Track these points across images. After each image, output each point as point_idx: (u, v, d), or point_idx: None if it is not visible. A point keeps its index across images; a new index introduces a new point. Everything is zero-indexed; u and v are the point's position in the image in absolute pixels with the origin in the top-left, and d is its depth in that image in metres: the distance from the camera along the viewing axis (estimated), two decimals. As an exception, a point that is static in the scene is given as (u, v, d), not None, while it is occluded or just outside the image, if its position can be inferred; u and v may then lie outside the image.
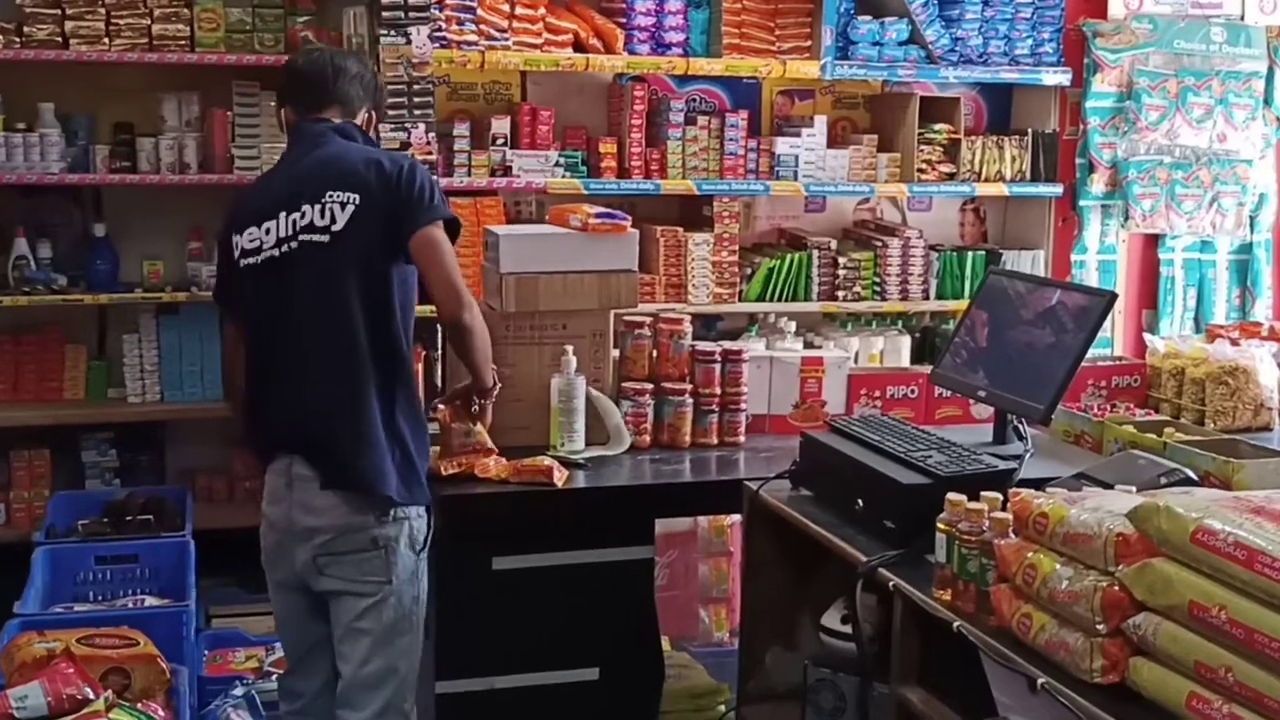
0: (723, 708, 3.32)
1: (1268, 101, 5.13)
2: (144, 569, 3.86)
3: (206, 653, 3.86)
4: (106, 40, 4.27)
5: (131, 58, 4.29)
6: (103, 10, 4.25)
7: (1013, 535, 1.99)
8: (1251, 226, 5.25)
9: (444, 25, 4.23)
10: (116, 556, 3.83)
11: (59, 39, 4.24)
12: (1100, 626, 1.76)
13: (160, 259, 4.55)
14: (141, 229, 4.58)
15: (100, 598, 3.78)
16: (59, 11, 4.24)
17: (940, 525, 2.12)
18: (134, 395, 4.56)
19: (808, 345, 4.51)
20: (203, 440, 4.67)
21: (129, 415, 4.56)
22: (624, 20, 4.47)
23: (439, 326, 4.37)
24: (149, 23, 4.30)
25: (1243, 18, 5.10)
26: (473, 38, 4.29)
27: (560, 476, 2.89)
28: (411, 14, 4.11)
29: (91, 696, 2.36)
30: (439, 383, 4.38)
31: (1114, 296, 2.72)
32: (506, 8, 4.34)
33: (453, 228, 2.77)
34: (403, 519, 2.64)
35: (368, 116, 2.95)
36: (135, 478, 4.59)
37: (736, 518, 3.99)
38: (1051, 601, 1.84)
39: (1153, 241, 5.24)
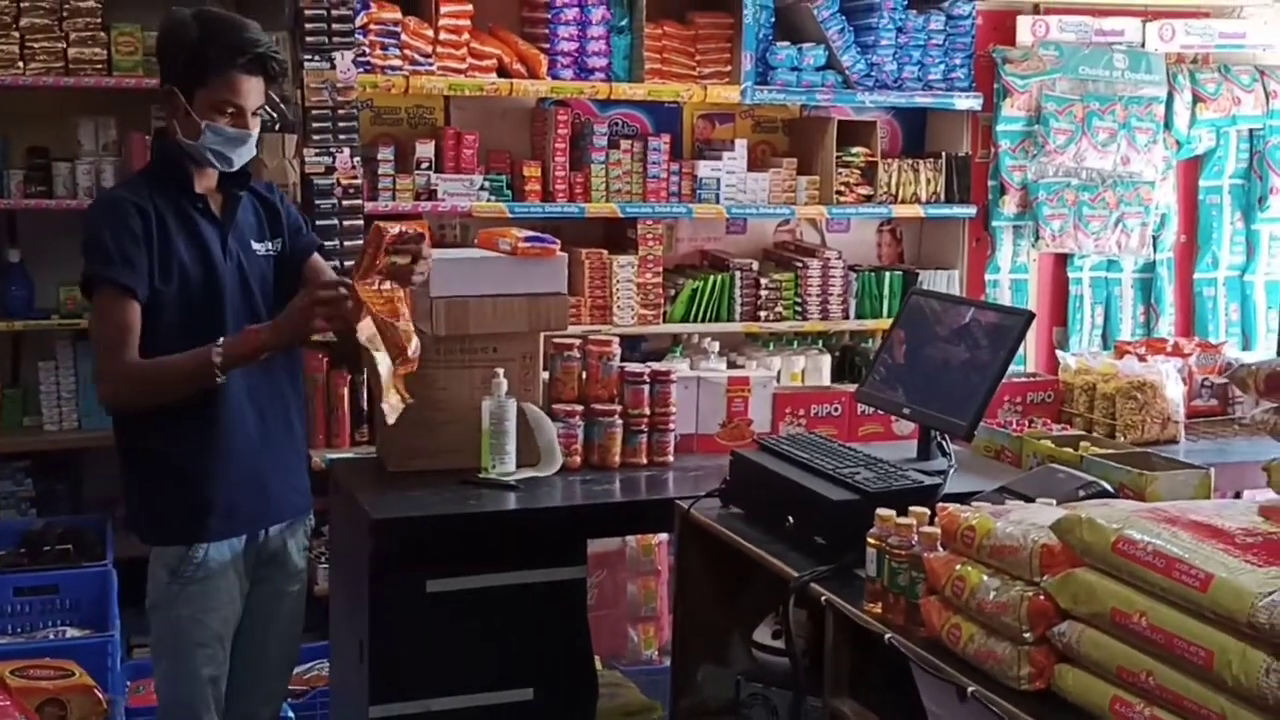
0: (655, 725, 3.35)
1: (1168, 125, 5.32)
2: (64, 599, 3.81)
3: (128, 683, 3.80)
4: (21, 64, 4.21)
5: (47, 81, 4.23)
6: (17, 34, 4.19)
7: (941, 549, 2.05)
8: (1154, 246, 5.44)
9: (368, 50, 4.24)
10: (36, 587, 3.77)
11: (-29, 63, 4.17)
12: (1027, 635, 1.82)
13: (77, 285, 4.47)
14: (58, 255, 4.48)
15: (19, 630, 3.72)
16: (-27, 35, 4.17)
17: (870, 540, 2.17)
18: (50, 423, 4.48)
19: (731, 365, 4.57)
20: (122, 468, 4.61)
21: (44, 444, 4.48)
22: (547, 45, 4.51)
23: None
24: (65, 46, 4.25)
25: (1143, 45, 5.29)
26: (397, 62, 4.30)
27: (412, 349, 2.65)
28: (335, 39, 4.12)
29: (28, 729, 2.33)
30: (364, 406, 4.38)
31: (1031, 316, 2.81)
32: (430, 33, 4.36)
33: (97, 287, 2.58)
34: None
35: (168, 92, 2.63)
36: (51, 507, 4.51)
37: (665, 537, 4.05)
38: (980, 612, 1.90)
39: (1062, 261, 5.41)
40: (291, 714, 3.68)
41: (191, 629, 2.68)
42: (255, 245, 2.77)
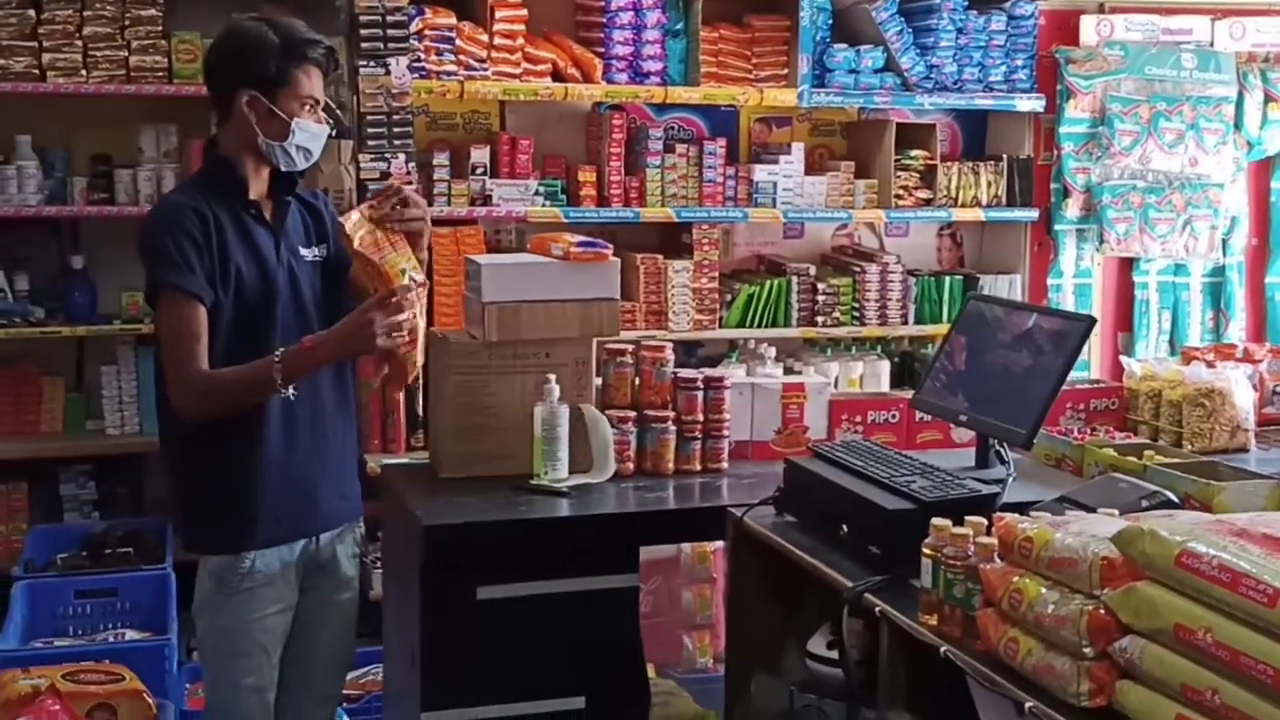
0: (708, 735, 3.32)
1: (1238, 126, 5.21)
2: (124, 602, 3.84)
3: (188, 686, 3.83)
4: (84, 72, 4.27)
5: (109, 89, 4.29)
6: (80, 42, 4.26)
7: (998, 560, 2.00)
8: (1224, 249, 5.32)
9: (423, 55, 4.26)
10: (96, 590, 3.81)
11: (36, 71, 4.24)
12: (1087, 650, 1.77)
13: (138, 290, 4.51)
14: (119, 260, 4.55)
15: (80, 632, 3.76)
16: (36, 44, 4.24)
17: (926, 550, 2.12)
18: (112, 427, 4.55)
19: (788, 371, 4.53)
20: (182, 472, 4.65)
21: (107, 448, 4.54)
22: (602, 50, 4.50)
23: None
24: (126, 54, 4.31)
25: (1212, 44, 5.18)
26: (452, 68, 4.31)
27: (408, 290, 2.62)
28: (390, 45, 4.13)
29: (78, 733, 2.35)
30: (420, 411, 4.38)
31: (1093, 321, 2.75)
32: (485, 38, 4.36)
33: (163, 293, 2.58)
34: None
35: (249, 100, 2.64)
36: (113, 510, 4.56)
37: (720, 544, 4.01)
38: (1038, 625, 1.85)
39: (1127, 265, 5.30)
40: (346, 718, 3.69)
41: (235, 638, 2.68)
42: (304, 251, 2.77)
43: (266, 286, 2.67)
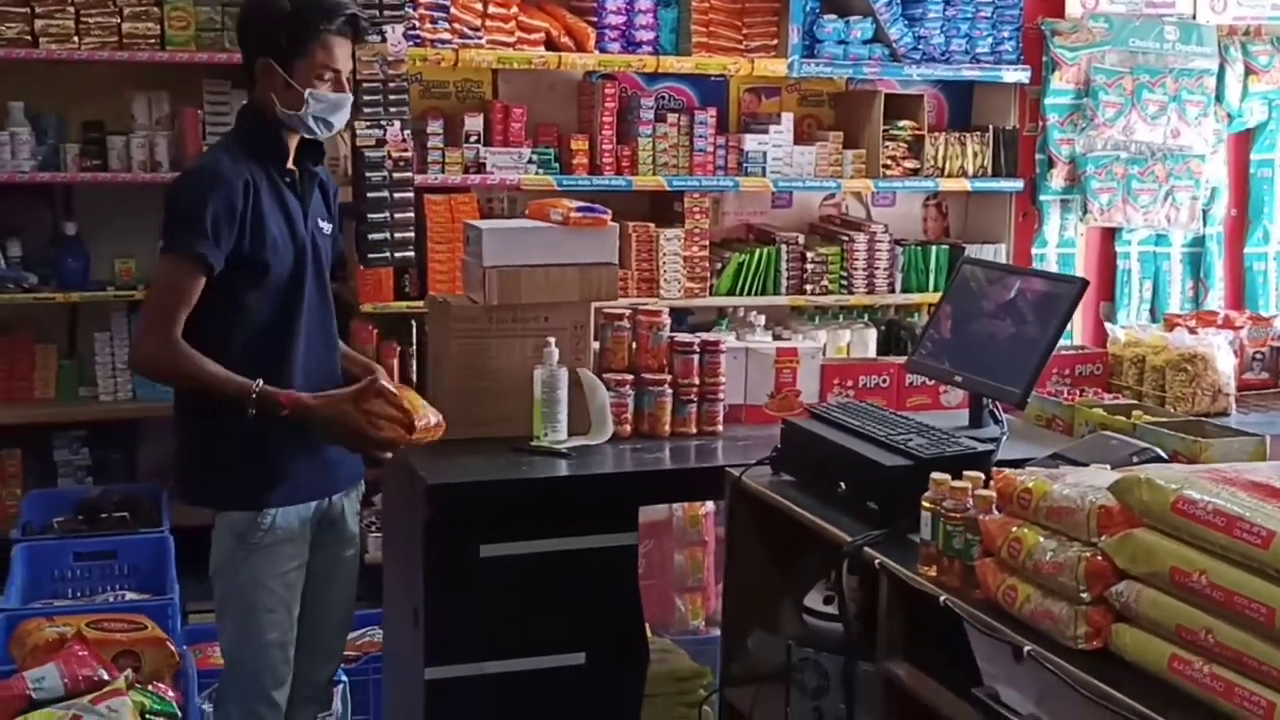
0: (704, 691, 3.38)
1: (1219, 98, 5.27)
2: (122, 565, 3.87)
3: (186, 648, 3.87)
4: (76, 39, 4.27)
5: (102, 56, 4.30)
6: (72, 9, 4.27)
7: (996, 511, 2.06)
8: (1204, 220, 5.39)
9: (418, 24, 4.27)
10: (95, 553, 3.84)
11: (29, 37, 4.24)
12: (1084, 595, 1.83)
13: (132, 257, 4.56)
14: (113, 227, 4.59)
15: (79, 594, 3.79)
16: (28, 10, 4.25)
17: (925, 504, 2.18)
18: (105, 394, 4.57)
19: (776, 338, 4.58)
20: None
21: (100, 414, 4.57)
22: (595, 19, 4.53)
23: (412, 321, 4.43)
24: (119, 21, 4.31)
25: (1194, 17, 5.24)
26: (446, 36, 4.33)
27: None
28: (386, 12, 4.15)
29: (106, 678, 2.39)
30: (414, 377, 4.42)
31: (1086, 283, 2.81)
32: (479, 6, 4.39)
33: (176, 251, 2.57)
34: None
35: (264, 67, 2.64)
36: (107, 476, 4.60)
37: (712, 508, 4.07)
38: (1036, 573, 1.91)
39: (1110, 235, 5.37)
40: (345, 677, 3.74)
41: (258, 593, 2.71)
42: (323, 224, 2.82)
43: (298, 254, 2.71)
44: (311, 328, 2.75)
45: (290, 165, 2.74)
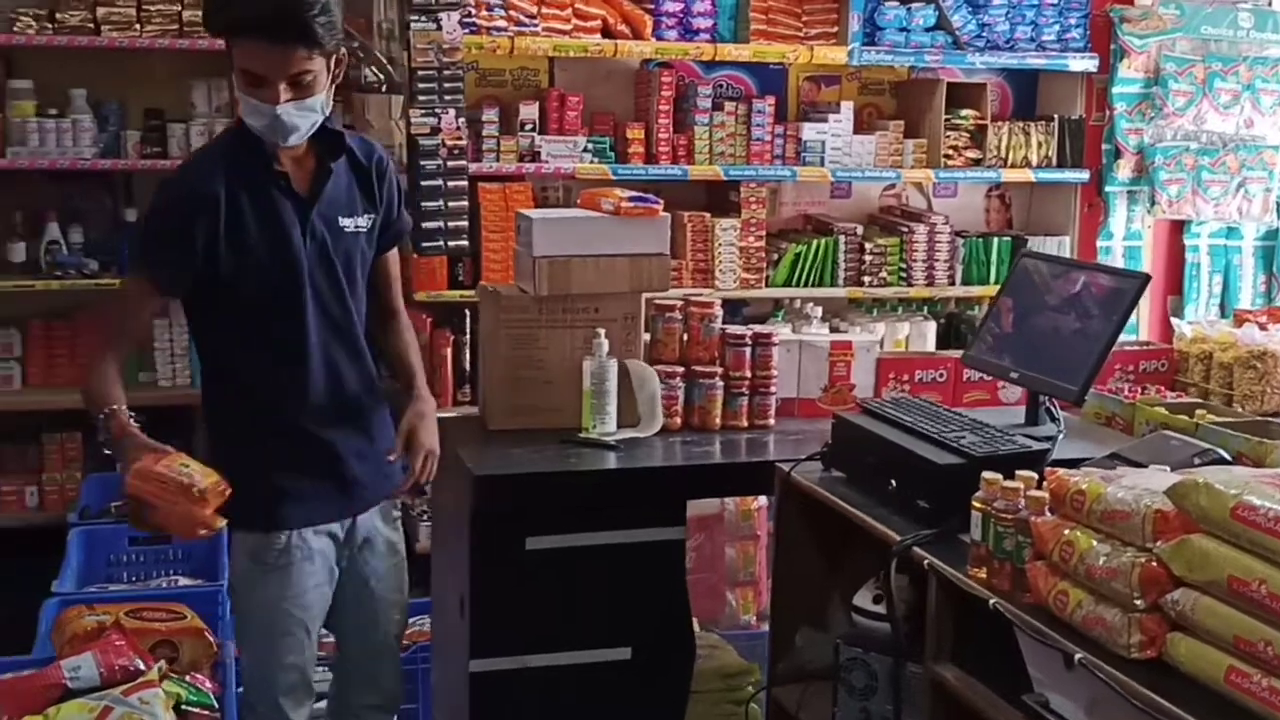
0: (751, 688, 3.34)
1: (1295, 87, 5.12)
2: (176, 550, 3.90)
3: (229, 640, 3.89)
4: (138, 27, 4.31)
5: (162, 44, 4.34)
6: (134, -2, 4.30)
7: (1049, 513, 2.00)
8: (1278, 213, 5.24)
9: (474, 11, 4.26)
10: (148, 538, 3.86)
11: (91, 25, 4.29)
12: (1138, 602, 1.77)
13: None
14: (172, 214, 4.62)
15: (133, 578, 3.82)
16: (91, -2, 4.29)
17: (976, 504, 2.13)
18: (164, 379, 4.62)
19: (833, 330, 4.52)
20: (233, 424, 4.72)
21: (159, 399, 4.60)
22: (652, 6, 4.49)
23: (466, 310, 4.42)
24: (180, 9, 4.35)
25: (1270, 3, 5.10)
26: (502, 23, 4.31)
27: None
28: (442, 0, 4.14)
29: (142, 668, 2.39)
30: (466, 366, 4.42)
31: (1147, 278, 2.72)
32: (535, -7, 4.36)
33: (131, 270, 2.45)
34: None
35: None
36: (166, 461, 4.62)
37: (764, 501, 4.02)
38: (1089, 578, 1.85)
39: (1179, 227, 5.24)
40: (393, 667, 3.74)
41: (274, 615, 2.60)
42: (344, 221, 2.58)
43: (288, 262, 2.50)
44: (325, 334, 2.57)
45: (287, 164, 2.50)
